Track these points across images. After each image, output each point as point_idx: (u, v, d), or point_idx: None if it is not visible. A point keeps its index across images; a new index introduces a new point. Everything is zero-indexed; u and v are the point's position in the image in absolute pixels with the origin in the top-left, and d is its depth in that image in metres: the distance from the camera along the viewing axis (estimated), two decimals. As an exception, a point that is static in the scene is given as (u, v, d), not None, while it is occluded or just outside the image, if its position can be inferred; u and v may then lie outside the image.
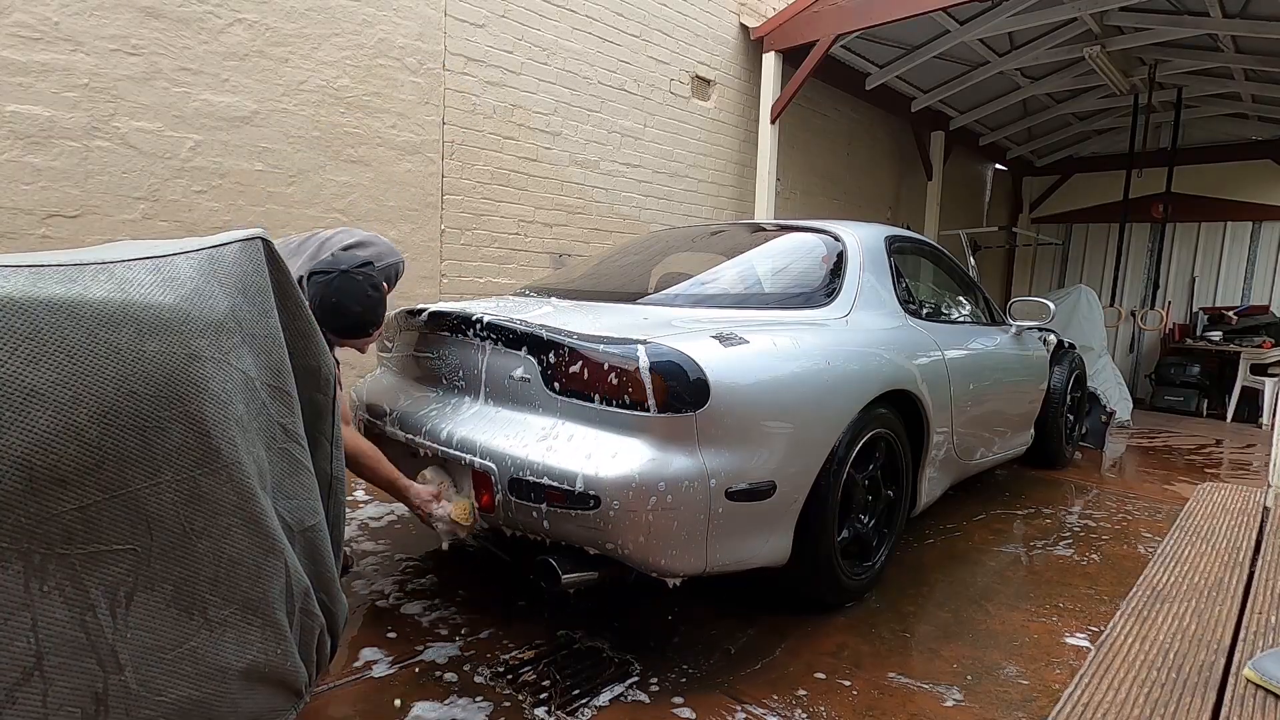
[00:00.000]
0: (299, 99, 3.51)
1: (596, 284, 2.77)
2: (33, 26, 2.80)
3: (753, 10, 5.78)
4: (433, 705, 1.61)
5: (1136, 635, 0.57)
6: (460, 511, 1.92)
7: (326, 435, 1.30)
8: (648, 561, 1.68)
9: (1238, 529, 0.90)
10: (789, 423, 1.87)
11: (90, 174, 2.98)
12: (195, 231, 3.26)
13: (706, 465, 1.68)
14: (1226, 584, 0.71)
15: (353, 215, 3.77)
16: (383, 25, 3.77)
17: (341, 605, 1.31)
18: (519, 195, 4.50)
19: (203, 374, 0.94)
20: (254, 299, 1.08)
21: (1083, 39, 5.90)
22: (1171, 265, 8.35)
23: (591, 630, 1.98)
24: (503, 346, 1.93)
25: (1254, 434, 6.15)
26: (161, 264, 0.97)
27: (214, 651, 0.98)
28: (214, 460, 0.94)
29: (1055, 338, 4.08)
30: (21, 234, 2.85)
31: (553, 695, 1.66)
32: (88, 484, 0.84)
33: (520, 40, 4.37)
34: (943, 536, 2.95)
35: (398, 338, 2.38)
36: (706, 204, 5.67)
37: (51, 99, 2.86)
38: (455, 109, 4.12)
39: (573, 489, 1.65)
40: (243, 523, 0.99)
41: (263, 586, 1.03)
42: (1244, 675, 0.55)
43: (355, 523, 2.74)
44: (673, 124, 5.34)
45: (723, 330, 1.89)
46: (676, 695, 1.69)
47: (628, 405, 1.68)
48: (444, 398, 2.10)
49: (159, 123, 3.12)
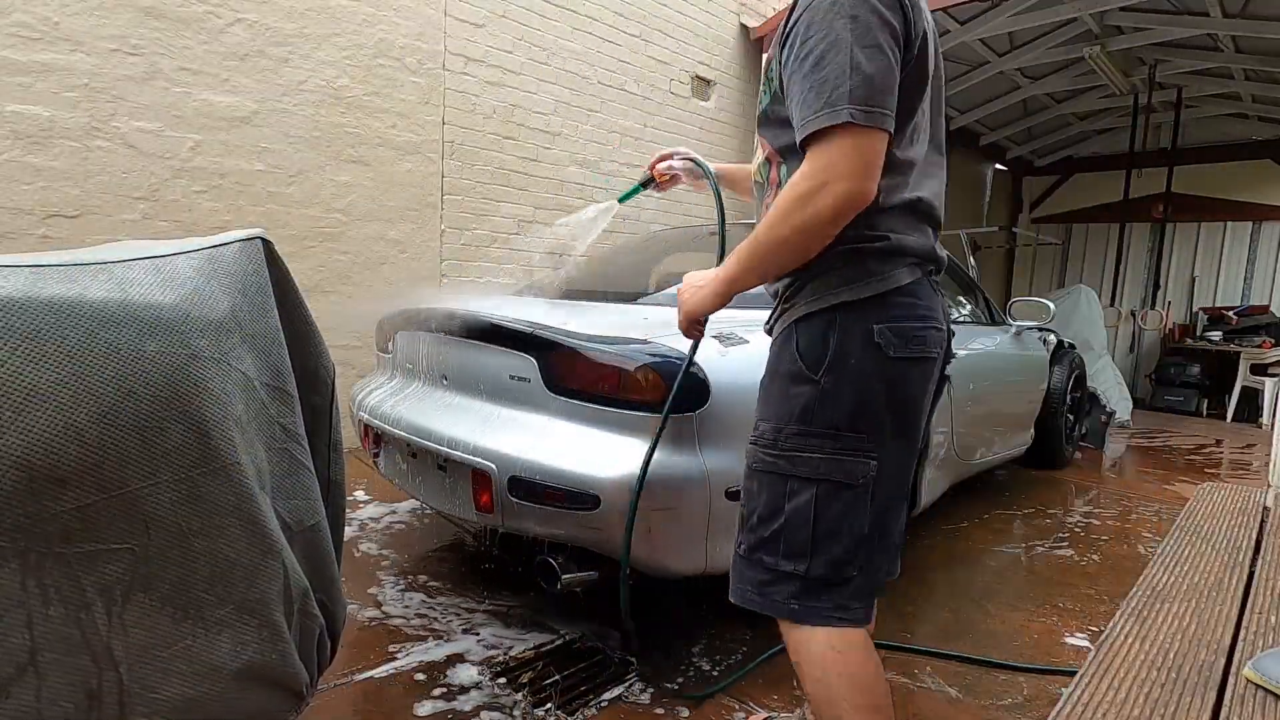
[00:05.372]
0: (299, 99, 3.51)
1: (596, 284, 2.76)
2: (33, 26, 2.80)
3: (753, 10, 5.78)
4: (433, 705, 1.61)
5: (1136, 635, 0.57)
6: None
7: (325, 437, 1.30)
8: (647, 561, 1.68)
9: (1238, 529, 0.90)
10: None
11: (90, 174, 2.97)
12: (195, 231, 3.26)
13: (706, 465, 1.68)
14: (1226, 584, 0.71)
15: (353, 215, 3.77)
16: (383, 25, 3.77)
17: (341, 606, 1.31)
18: (519, 195, 4.50)
19: (202, 374, 0.94)
20: (254, 299, 1.08)
21: (1083, 39, 5.90)
22: (1171, 265, 8.34)
23: (592, 630, 1.98)
24: (502, 346, 1.92)
25: (1254, 434, 6.14)
26: (161, 264, 0.97)
27: (209, 651, 0.98)
28: (213, 460, 0.94)
29: (1055, 338, 4.08)
30: (21, 234, 2.85)
31: (553, 695, 1.66)
32: (87, 483, 0.84)
33: (520, 40, 4.37)
34: (943, 536, 2.95)
35: (397, 338, 2.38)
36: (706, 204, 5.65)
37: (51, 99, 2.86)
38: (455, 109, 4.12)
39: (572, 489, 1.65)
40: (241, 523, 0.99)
41: (260, 587, 1.02)
42: (1244, 675, 0.55)
43: (355, 523, 2.74)
44: (673, 124, 5.34)
45: (722, 330, 1.89)
46: (677, 695, 1.69)
47: (627, 405, 1.68)
48: (443, 397, 2.10)
49: (159, 123, 3.12)
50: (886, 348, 1.04)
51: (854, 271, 1.05)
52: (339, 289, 3.74)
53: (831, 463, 1.05)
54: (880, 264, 1.06)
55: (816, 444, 1.05)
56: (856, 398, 1.04)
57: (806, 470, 1.06)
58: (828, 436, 1.05)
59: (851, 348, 1.04)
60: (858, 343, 1.04)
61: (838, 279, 1.06)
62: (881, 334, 1.04)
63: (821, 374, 1.05)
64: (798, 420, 1.07)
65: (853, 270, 1.05)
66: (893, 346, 1.04)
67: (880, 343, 1.04)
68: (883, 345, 1.04)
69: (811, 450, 1.06)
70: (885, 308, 1.05)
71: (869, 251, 1.05)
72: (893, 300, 1.06)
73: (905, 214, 1.08)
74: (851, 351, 1.04)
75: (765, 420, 1.13)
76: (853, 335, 1.04)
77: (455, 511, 1.99)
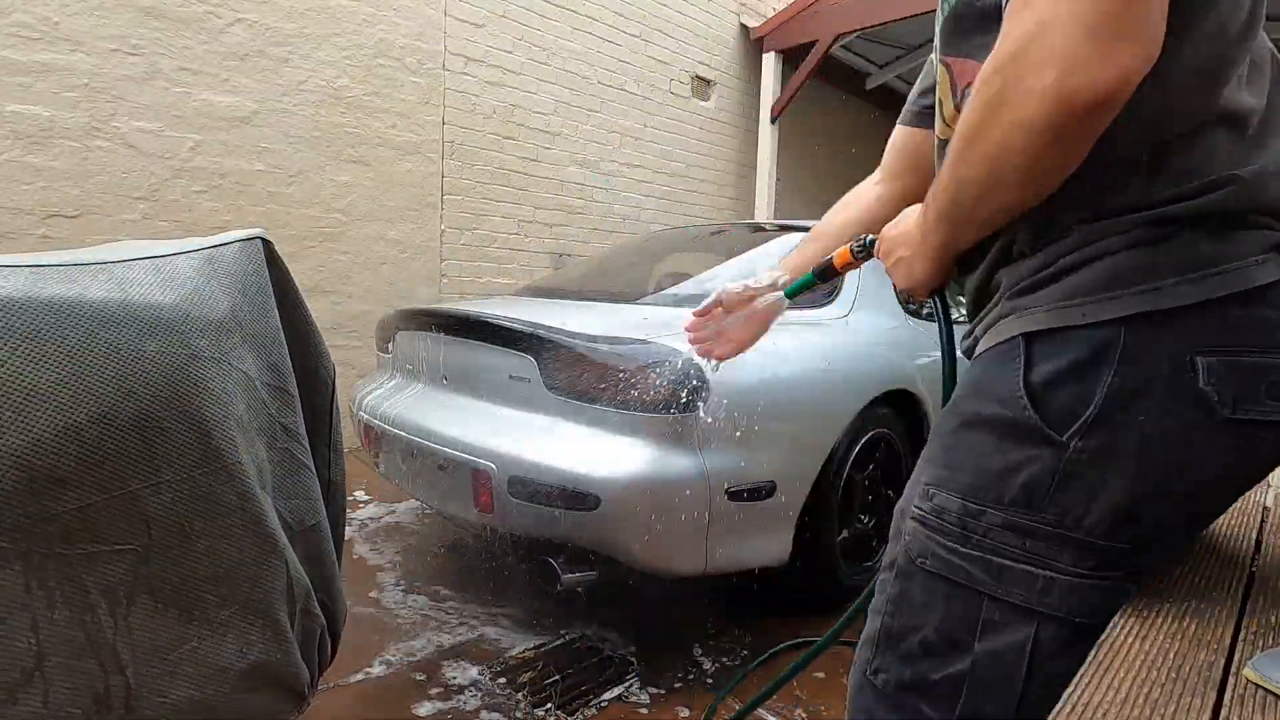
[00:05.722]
0: (299, 99, 3.51)
1: (596, 284, 2.76)
2: (33, 26, 2.80)
3: (753, 10, 5.78)
4: (433, 705, 1.61)
5: (1136, 635, 0.57)
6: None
7: (325, 438, 1.30)
8: (647, 561, 1.68)
9: (1238, 529, 0.91)
10: (789, 423, 1.87)
11: (90, 174, 2.97)
12: (195, 231, 3.26)
13: (706, 465, 1.68)
14: (1226, 584, 0.71)
15: (353, 215, 3.77)
16: (383, 25, 3.77)
17: (342, 605, 1.31)
18: (519, 195, 4.50)
19: (203, 374, 0.94)
20: (254, 299, 1.08)
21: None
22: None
23: (592, 630, 1.98)
24: (502, 346, 1.92)
25: (1254, 434, 6.14)
26: (161, 264, 0.97)
27: (215, 652, 0.98)
28: (214, 460, 0.94)
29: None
30: (21, 234, 2.86)
31: (553, 695, 1.66)
32: (87, 484, 0.84)
33: (520, 40, 4.37)
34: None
35: (397, 338, 2.38)
36: (706, 204, 5.67)
37: (51, 99, 2.86)
38: (455, 109, 4.12)
39: (572, 489, 1.65)
40: (243, 523, 0.99)
41: (263, 587, 1.02)
42: (1244, 675, 0.55)
43: (355, 523, 2.74)
44: (673, 124, 5.34)
45: (723, 330, 1.89)
46: (676, 695, 1.70)
47: (628, 405, 1.68)
48: (443, 397, 2.10)
49: (159, 123, 3.12)
50: (1218, 399, 0.58)
51: (1162, 255, 0.59)
52: (339, 289, 3.74)
53: (1070, 588, 0.62)
54: (1217, 241, 0.59)
55: (1045, 549, 0.62)
56: (1138, 484, 0.60)
57: (1022, 592, 0.63)
58: (1069, 543, 0.62)
59: (1147, 394, 0.59)
60: (1161, 386, 0.59)
61: (1128, 265, 0.60)
62: (1212, 372, 0.58)
63: (1074, 434, 0.61)
64: (1015, 504, 0.63)
65: (1160, 253, 0.59)
66: (1230, 397, 0.58)
67: (1208, 389, 0.58)
68: (1210, 394, 0.58)
69: (1033, 559, 0.63)
70: (1222, 325, 0.59)
71: (1193, 215, 0.59)
72: (1235, 314, 0.58)
73: (1266, 135, 0.60)
74: (1145, 400, 0.59)
75: (944, 487, 0.69)
76: (1152, 372, 0.59)
77: (455, 511, 1.99)
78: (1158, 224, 0.59)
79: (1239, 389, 0.58)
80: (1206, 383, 0.58)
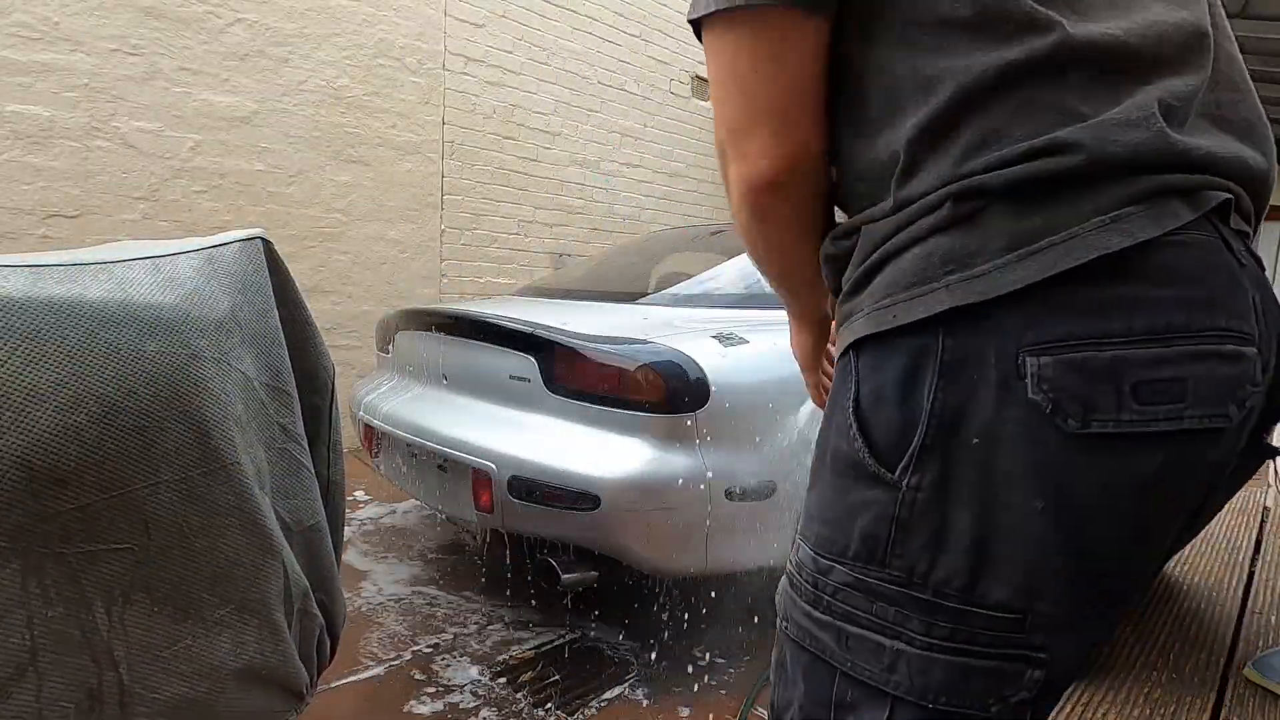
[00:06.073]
0: (299, 99, 3.51)
1: (596, 284, 2.76)
2: (33, 26, 2.80)
3: (753, 10, 5.78)
4: (433, 705, 1.61)
5: (1136, 635, 0.57)
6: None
7: (324, 438, 1.30)
8: (647, 561, 1.68)
9: (1238, 529, 0.91)
10: (789, 423, 1.87)
11: (90, 174, 2.97)
12: (195, 231, 3.27)
13: (706, 465, 1.68)
14: (1226, 584, 0.71)
15: (353, 215, 3.77)
16: (383, 25, 3.77)
17: (341, 605, 1.31)
18: (519, 195, 4.50)
19: (203, 374, 0.94)
20: (254, 299, 1.08)
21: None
22: (1171, 265, 8.34)
23: (592, 630, 1.98)
24: (502, 346, 1.92)
25: (1254, 434, 6.14)
26: (161, 264, 0.97)
27: (210, 651, 0.98)
28: (213, 460, 0.94)
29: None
30: (21, 234, 2.86)
31: (553, 695, 1.66)
32: (87, 484, 0.84)
33: (520, 40, 4.37)
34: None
35: (397, 338, 2.38)
36: (706, 204, 5.67)
37: (51, 99, 2.86)
38: (455, 109, 4.12)
39: (572, 489, 1.65)
40: (241, 523, 0.99)
41: (261, 587, 1.02)
42: (1244, 675, 0.55)
43: (354, 523, 2.74)
44: (673, 124, 5.34)
45: (723, 330, 1.89)
46: (677, 695, 1.69)
47: (627, 405, 1.68)
48: (443, 397, 2.10)
49: (159, 123, 3.12)
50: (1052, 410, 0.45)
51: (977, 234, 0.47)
52: (339, 289, 3.74)
53: (921, 665, 0.49)
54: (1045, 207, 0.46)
55: (893, 615, 0.50)
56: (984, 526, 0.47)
57: (868, 668, 0.51)
58: (918, 604, 0.49)
59: (975, 411, 0.47)
60: (990, 400, 0.46)
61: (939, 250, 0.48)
62: (1043, 377, 0.45)
63: (904, 469, 0.49)
64: (859, 558, 0.51)
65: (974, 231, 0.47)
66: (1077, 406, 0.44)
67: (1038, 398, 0.45)
68: (1042, 404, 0.45)
69: (882, 626, 0.50)
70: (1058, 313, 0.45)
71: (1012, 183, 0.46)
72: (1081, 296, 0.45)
73: (1082, 76, 0.46)
74: (976, 419, 0.47)
75: (805, 537, 0.57)
76: (978, 381, 0.47)
77: (455, 512, 1.99)
78: (967, 196, 0.47)
79: (1089, 394, 0.44)
80: (1036, 390, 0.44)
